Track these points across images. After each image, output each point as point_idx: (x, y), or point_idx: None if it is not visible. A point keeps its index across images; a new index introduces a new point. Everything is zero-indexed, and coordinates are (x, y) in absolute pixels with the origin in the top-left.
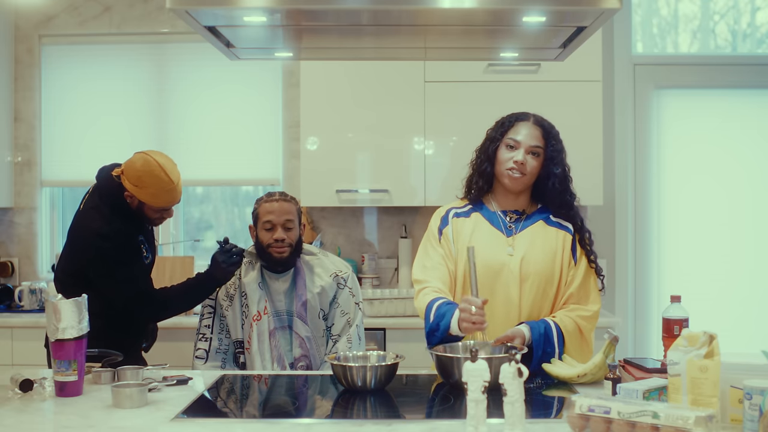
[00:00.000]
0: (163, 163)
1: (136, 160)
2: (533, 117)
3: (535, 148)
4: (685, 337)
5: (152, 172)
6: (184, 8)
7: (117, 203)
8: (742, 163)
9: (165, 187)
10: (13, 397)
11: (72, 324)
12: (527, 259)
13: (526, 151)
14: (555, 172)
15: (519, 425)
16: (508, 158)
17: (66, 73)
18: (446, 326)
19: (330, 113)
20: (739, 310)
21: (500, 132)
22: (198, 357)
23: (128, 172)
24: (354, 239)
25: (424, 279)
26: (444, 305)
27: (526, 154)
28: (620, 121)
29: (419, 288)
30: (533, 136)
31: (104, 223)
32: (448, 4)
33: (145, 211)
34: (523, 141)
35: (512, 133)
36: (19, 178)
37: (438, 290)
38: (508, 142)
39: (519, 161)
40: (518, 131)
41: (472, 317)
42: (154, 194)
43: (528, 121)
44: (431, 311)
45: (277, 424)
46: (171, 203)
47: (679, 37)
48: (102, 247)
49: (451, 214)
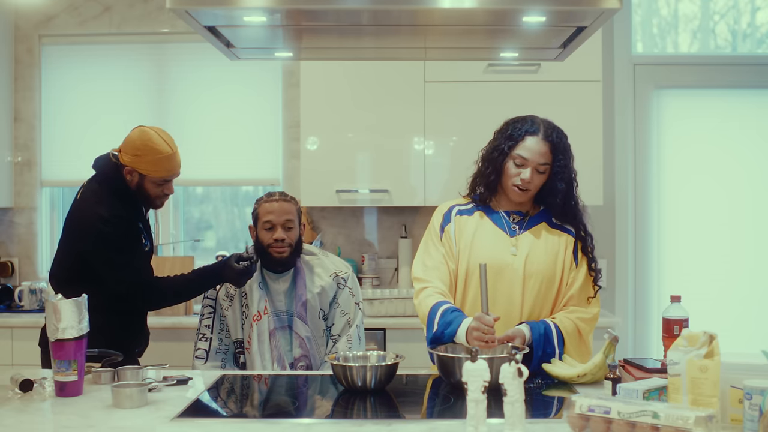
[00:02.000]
0: (160, 132)
1: (132, 132)
2: (543, 130)
3: (542, 165)
4: (685, 337)
5: (150, 139)
6: (184, 8)
7: (117, 187)
8: (742, 163)
9: (164, 153)
10: (13, 397)
11: (72, 324)
12: (531, 259)
13: (533, 169)
14: (559, 187)
15: (519, 425)
16: (515, 174)
17: (66, 73)
18: (452, 334)
19: (330, 113)
20: (739, 310)
21: (508, 145)
22: (198, 357)
23: (126, 145)
24: (354, 239)
25: (425, 278)
26: (449, 312)
27: (533, 172)
28: (620, 121)
29: (420, 287)
30: (541, 154)
31: (104, 208)
32: (448, 4)
33: (146, 187)
34: (531, 159)
35: (520, 149)
36: (19, 178)
37: (439, 291)
38: (516, 159)
39: (526, 180)
40: (527, 147)
41: (484, 336)
42: (153, 162)
43: (537, 136)
44: (435, 316)
45: (277, 424)
46: (171, 173)
47: (679, 37)
48: (103, 231)
49: (454, 211)
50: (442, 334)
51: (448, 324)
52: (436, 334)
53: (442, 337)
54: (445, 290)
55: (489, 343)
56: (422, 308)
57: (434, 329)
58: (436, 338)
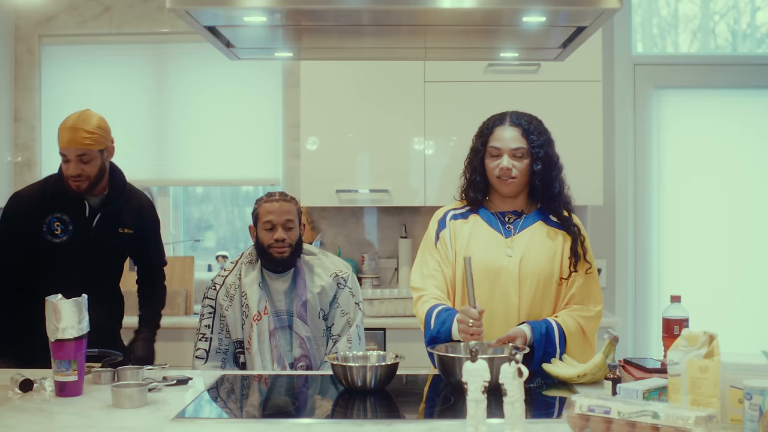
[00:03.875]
0: (87, 112)
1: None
2: (509, 118)
3: (517, 150)
4: (685, 337)
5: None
6: (184, 8)
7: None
8: (742, 163)
9: (65, 123)
10: (13, 397)
11: (72, 324)
12: (526, 259)
13: (509, 156)
14: (535, 169)
15: (519, 425)
16: (494, 166)
17: (66, 73)
18: (447, 332)
19: (330, 113)
20: (739, 310)
21: (481, 141)
22: (198, 357)
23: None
24: (354, 239)
25: (422, 287)
26: (443, 311)
27: (510, 159)
28: (620, 121)
29: (417, 296)
30: (512, 139)
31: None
32: (448, 4)
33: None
34: (503, 147)
35: (492, 141)
36: (19, 178)
37: (435, 297)
38: (491, 151)
39: (505, 167)
40: (497, 137)
41: (469, 329)
42: (58, 132)
43: (504, 124)
44: (431, 318)
45: (277, 424)
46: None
47: (679, 37)
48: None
49: (449, 216)
50: (438, 333)
51: (442, 322)
52: (433, 334)
53: (439, 336)
54: (442, 296)
55: (474, 336)
56: (420, 314)
57: (431, 329)
58: (434, 338)
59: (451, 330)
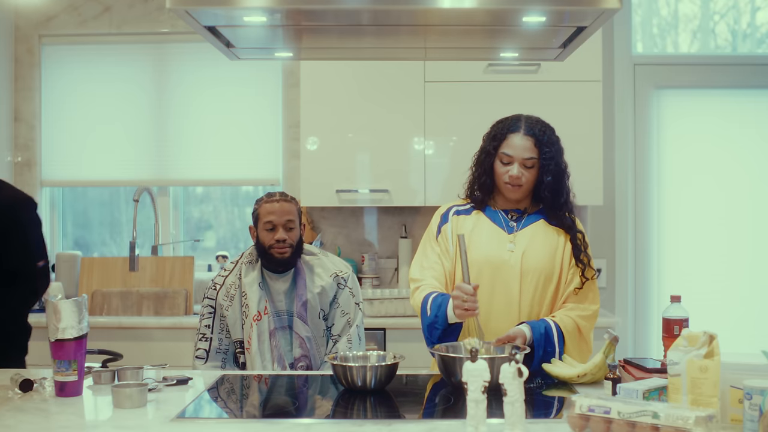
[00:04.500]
0: None
1: None
2: (524, 126)
3: (529, 160)
4: (685, 337)
5: None
6: (184, 8)
7: None
8: (742, 163)
9: None
10: (13, 397)
11: (72, 324)
12: (528, 255)
13: (520, 165)
14: (546, 180)
15: (519, 425)
16: (503, 172)
17: (66, 73)
18: (444, 316)
19: (330, 113)
20: (739, 310)
21: (493, 146)
22: (198, 357)
23: None
24: (354, 239)
25: (420, 278)
26: (439, 296)
27: (520, 167)
28: (620, 121)
29: (414, 286)
30: (525, 148)
31: None
32: (448, 4)
33: None
34: (515, 155)
35: (505, 147)
36: (19, 178)
37: (433, 287)
38: (502, 157)
39: (514, 176)
40: (510, 144)
41: (464, 304)
42: None
43: (519, 132)
44: (428, 304)
45: (277, 424)
46: None
47: (679, 37)
48: None
49: (452, 212)
50: (435, 318)
51: (438, 306)
52: (430, 319)
53: (436, 321)
54: (439, 287)
55: (469, 311)
56: (416, 303)
57: (428, 315)
58: (431, 324)
59: (447, 313)
